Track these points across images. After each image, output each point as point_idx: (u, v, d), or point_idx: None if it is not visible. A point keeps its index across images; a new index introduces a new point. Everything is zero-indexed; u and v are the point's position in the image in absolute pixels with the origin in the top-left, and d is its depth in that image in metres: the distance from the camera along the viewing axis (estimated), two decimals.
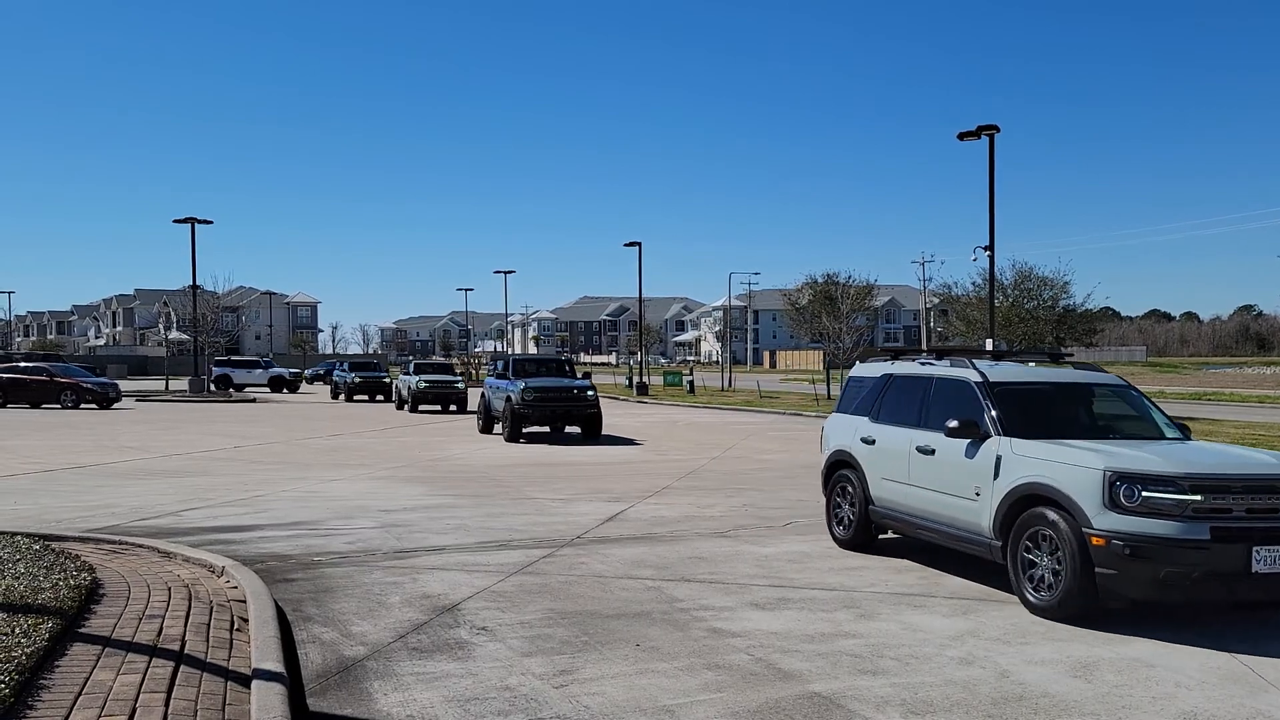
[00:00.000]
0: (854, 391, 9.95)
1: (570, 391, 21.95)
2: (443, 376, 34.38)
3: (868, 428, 9.20)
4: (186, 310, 52.04)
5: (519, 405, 21.12)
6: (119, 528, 10.19)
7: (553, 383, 22.12)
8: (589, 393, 22.06)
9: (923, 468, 8.20)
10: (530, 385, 21.43)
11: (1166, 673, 5.69)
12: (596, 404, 22.12)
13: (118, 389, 36.92)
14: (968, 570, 8.49)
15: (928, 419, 8.29)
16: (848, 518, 9.41)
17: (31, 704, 4.58)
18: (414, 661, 5.82)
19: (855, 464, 9.30)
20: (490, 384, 23.99)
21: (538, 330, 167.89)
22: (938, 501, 8.01)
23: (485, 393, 24.10)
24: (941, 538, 8.04)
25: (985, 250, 27.80)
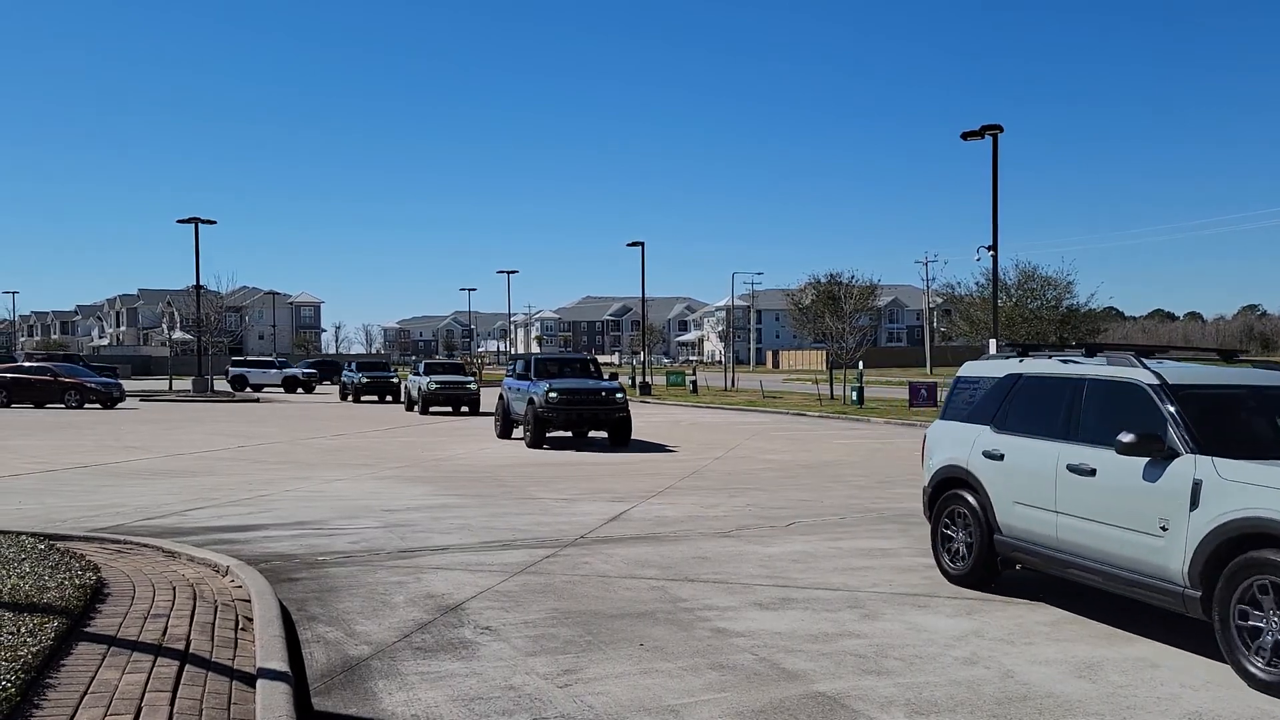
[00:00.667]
0: (965, 394, 8.38)
1: (598, 394, 20.31)
2: (454, 377, 33.36)
3: (991, 439, 7.60)
4: (190, 310, 52.17)
5: (542, 408, 19.62)
6: (124, 527, 10.21)
7: (578, 384, 20.47)
8: (618, 395, 20.47)
9: (1077, 492, 6.62)
10: (554, 387, 19.82)
11: (1171, 673, 5.69)
12: (626, 407, 20.56)
13: (121, 389, 36.98)
14: None
15: (1080, 430, 6.79)
16: (962, 548, 7.83)
17: (38, 703, 4.59)
18: (418, 661, 5.83)
19: (974, 483, 7.70)
20: (509, 385, 22.33)
21: (541, 330, 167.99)
22: (1100, 536, 6.43)
23: (504, 394, 22.53)
24: (1105, 580, 6.46)
25: (988, 250, 27.80)
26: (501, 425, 22.55)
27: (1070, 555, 6.75)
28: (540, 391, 19.76)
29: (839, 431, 25.39)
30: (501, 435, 22.44)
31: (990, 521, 7.53)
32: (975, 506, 7.68)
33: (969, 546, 7.73)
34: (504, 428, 22.50)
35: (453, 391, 32.29)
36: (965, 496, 7.81)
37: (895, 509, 12.03)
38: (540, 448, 19.73)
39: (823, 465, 17.23)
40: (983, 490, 7.62)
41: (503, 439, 22.14)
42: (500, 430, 22.53)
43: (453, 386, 32.36)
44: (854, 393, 34.46)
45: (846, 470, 16.42)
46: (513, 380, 22.33)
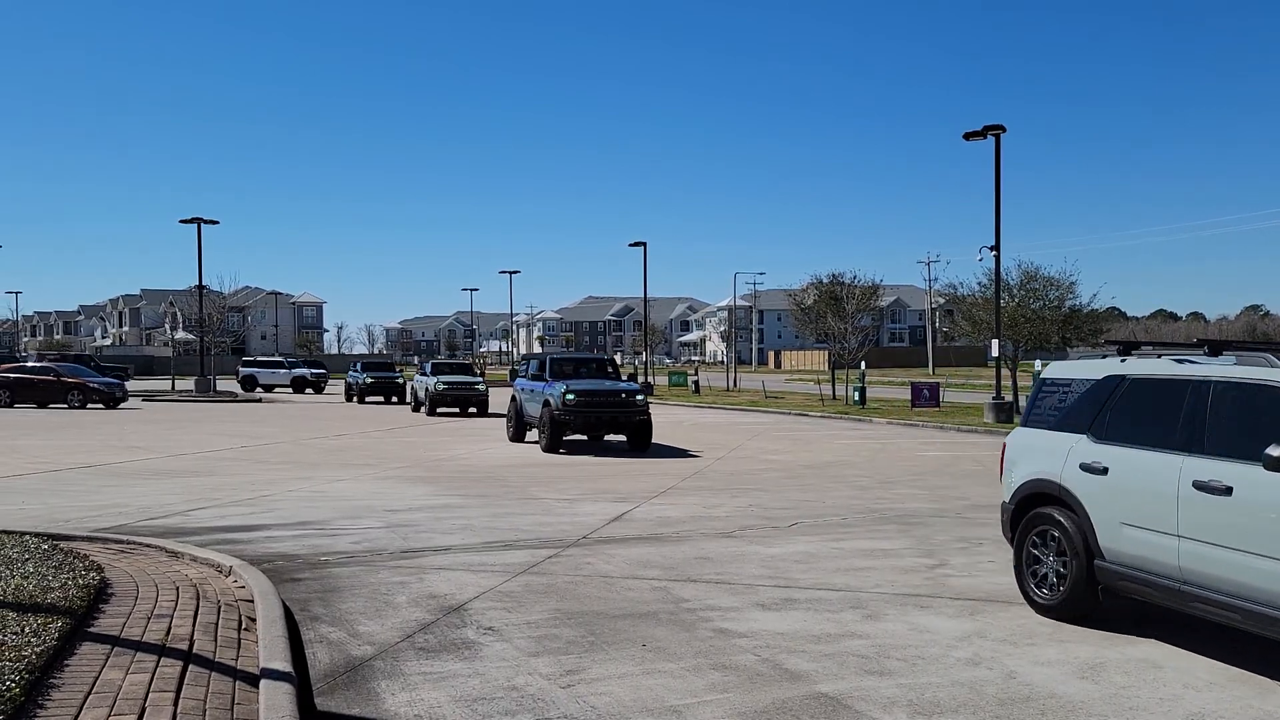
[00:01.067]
0: (1053, 398, 7.45)
1: (617, 395, 19.33)
2: (463, 378, 32.41)
3: (1090, 450, 6.70)
4: (192, 310, 52.14)
5: (559, 411, 18.62)
6: (127, 527, 10.23)
7: (596, 385, 19.40)
8: (638, 397, 19.54)
9: (1208, 513, 5.74)
10: (572, 388, 18.84)
11: (1174, 674, 5.69)
12: (646, 409, 19.61)
13: (124, 389, 37.02)
14: (974, 571, 8.49)
15: (1206, 441, 5.90)
16: (1053, 575, 6.90)
17: (42, 703, 4.60)
18: (421, 661, 5.84)
19: (1070, 501, 6.78)
20: (522, 386, 21.42)
21: (543, 330, 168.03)
22: (1241, 567, 5.54)
23: (516, 396, 21.57)
24: (1246, 619, 5.53)
25: (991, 250, 27.77)
26: (515, 428, 21.41)
27: (1198, 588, 5.84)
28: (557, 393, 18.78)
29: (841, 432, 25.38)
30: (515, 439, 21.37)
31: (1091, 545, 6.59)
32: (1071, 528, 6.72)
33: (1062, 574, 6.81)
34: (517, 431, 21.37)
35: (461, 393, 31.39)
36: (1057, 516, 6.87)
37: (897, 510, 12.03)
38: (556, 452, 18.80)
39: (825, 466, 17.23)
40: (1081, 509, 6.68)
41: (516, 443, 21.15)
42: (513, 433, 21.46)
43: (461, 387, 31.48)
44: (856, 393, 34.45)
45: (849, 471, 16.42)
46: (526, 381, 21.44)
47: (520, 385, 21.74)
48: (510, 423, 21.76)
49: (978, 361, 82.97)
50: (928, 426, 26.57)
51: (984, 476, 15.56)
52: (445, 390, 31.12)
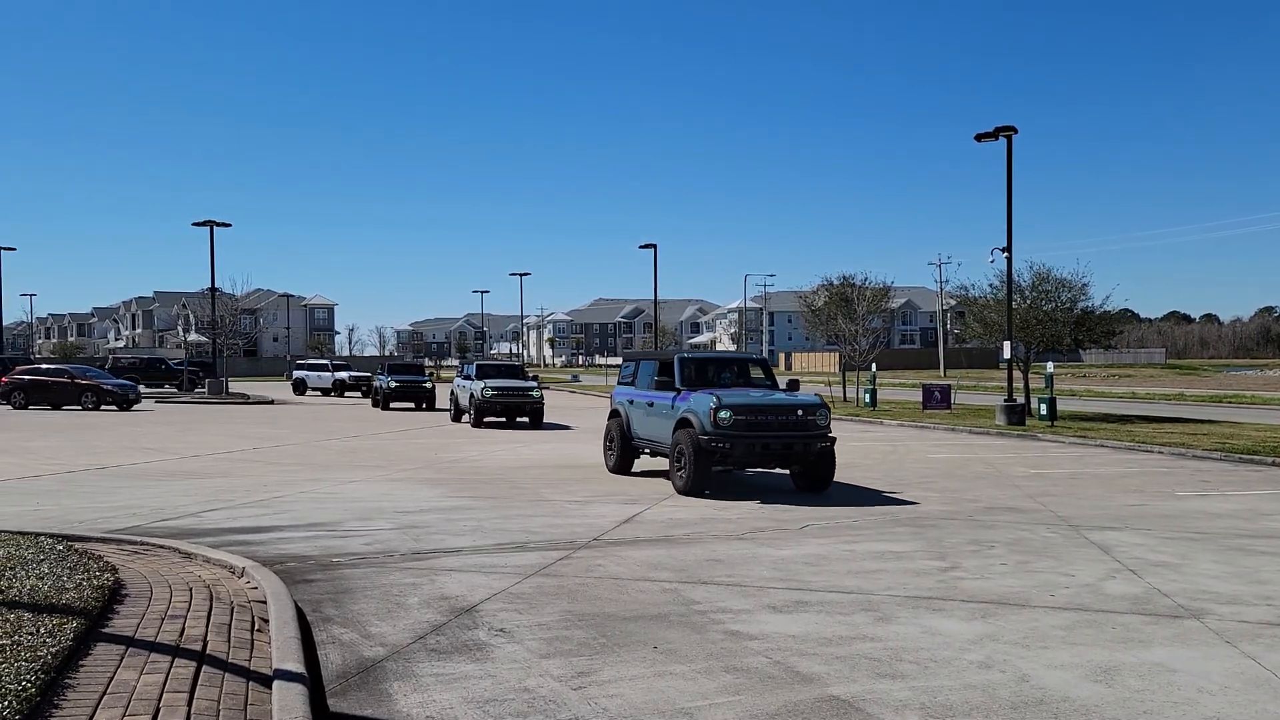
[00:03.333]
0: None
1: (792, 413, 13.34)
2: (514, 382, 27.61)
3: None
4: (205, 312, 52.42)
5: (711, 437, 12.92)
6: (140, 528, 10.28)
7: (762, 398, 13.58)
8: (819, 413, 13.51)
9: None
10: (727, 402, 13.04)
11: (1188, 677, 5.66)
12: (828, 433, 13.58)
13: (137, 390, 37.23)
14: (986, 574, 8.46)
15: None
16: None
17: (57, 703, 4.63)
18: (433, 663, 5.85)
19: None
20: (629, 397, 15.83)
21: (553, 332, 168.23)
22: None
23: (621, 410, 15.96)
24: None
25: (1003, 252, 27.69)
26: (619, 455, 15.81)
27: None
28: (703, 410, 13.12)
29: (852, 434, 25.32)
30: (619, 469, 15.87)
31: None
32: None
33: None
34: (622, 458, 15.80)
35: (513, 399, 26.87)
36: None
37: (909, 512, 12.00)
38: (701, 494, 13.15)
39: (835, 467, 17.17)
40: None
41: (620, 474, 15.75)
42: (617, 463, 15.87)
43: (513, 394, 26.90)
44: (867, 395, 34.37)
45: (859, 472, 16.38)
46: (636, 391, 15.74)
47: (625, 396, 16.13)
48: (611, 447, 16.11)
49: (989, 364, 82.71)
50: (939, 429, 26.49)
51: (996, 479, 15.51)
52: (494, 397, 26.65)
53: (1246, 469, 17.19)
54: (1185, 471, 16.69)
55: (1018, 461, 18.27)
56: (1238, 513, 12.11)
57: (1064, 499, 13.19)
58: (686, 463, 13.19)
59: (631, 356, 16.85)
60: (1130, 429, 24.67)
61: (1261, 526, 11.13)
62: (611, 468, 16.05)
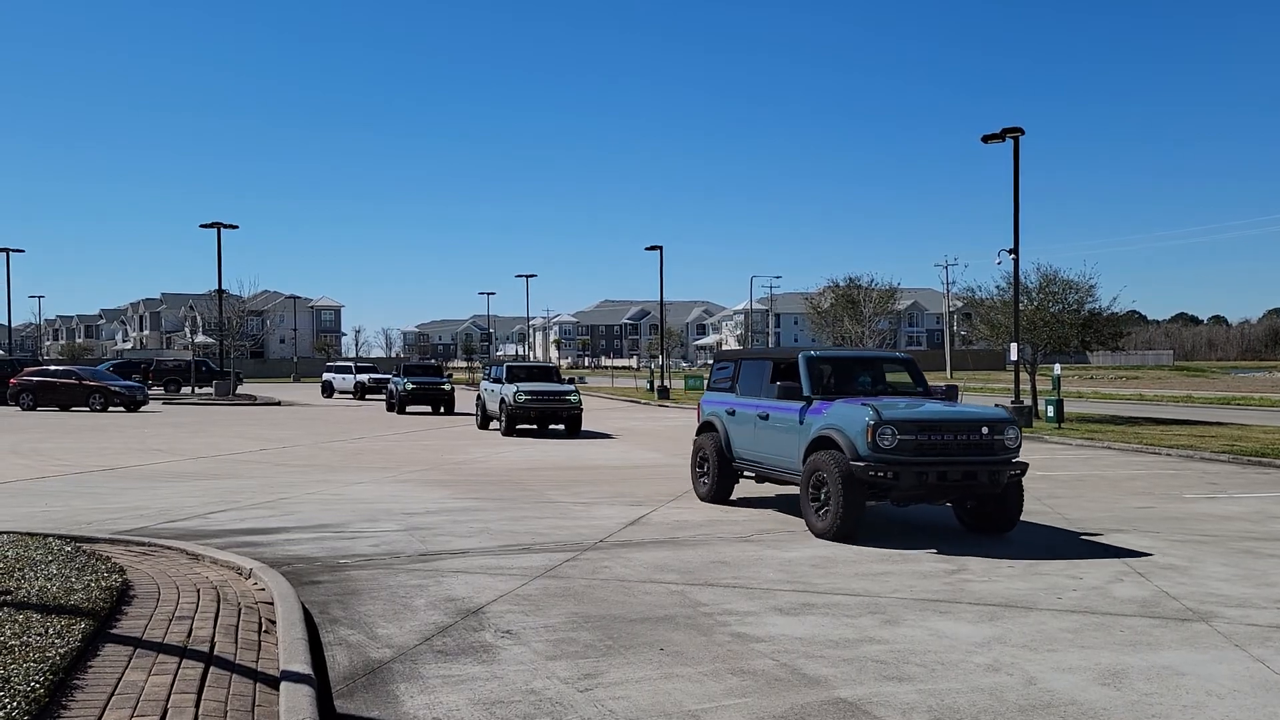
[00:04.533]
0: None
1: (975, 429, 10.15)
2: (549, 385, 25.21)
3: None
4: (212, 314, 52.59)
5: (869, 462, 9.82)
6: (148, 530, 10.31)
7: (936, 413, 10.32)
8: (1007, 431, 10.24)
9: None
10: (890, 416, 9.95)
11: (1197, 681, 5.63)
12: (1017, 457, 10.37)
13: (145, 392, 37.36)
14: (994, 577, 8.44)
15: None
16: None
17: (66, 704, 4.65)
18: (439, 664, 5.85)
19: None
20: (728, 405, 12.62)
21: (559, 334, 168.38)
22: None
23: (720, 425, 12.65)
24: None
25: (1009, 253, 27.61)
26: (716, 479, 12.60)
27: None
28: (855, 427, 10.00)
29: None
30: (714, 498, 12.70)
31: None
32: None
33: None
34: (720, 484, 12.62)
35: (549, 405, 24.40)
36: None
37: (915, 514, 11.97)
38: (852, 540, 9.98)
39: None
40: None
41: (715, 503, 12.65)
42: (712, 490, 12.67)
43: (548, 399, 24.44)
44: None
45: None
46: (738, 400, 12.46)
47: (722, 405, 12.83)
48: (703, 470, 12.92)
49: (996, 365, 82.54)
50: None
51: None
52: (528, 402, 24.16)
53: (1255, 471, 17.12)
54: (1193, 473, 16.63)
55: None
56: (1246, 515, 12.06)
57: (1071, 501, 13.15)
58: (832, 496, 10.00)
59: (729, 355, 13.66)
60: (1138, 431, 24.59)
61: (1270, 529, 11.08)
62: (704, 494, 12.92)
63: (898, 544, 9.93)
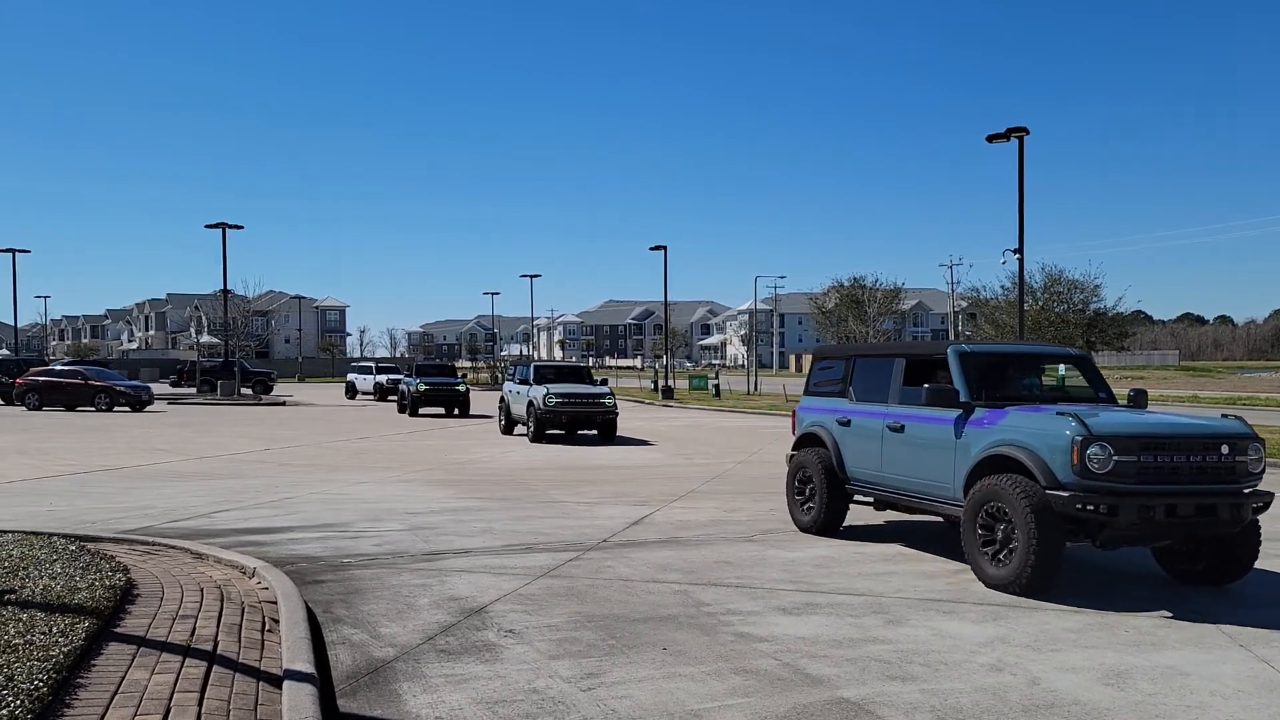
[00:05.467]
0: None
1: (1213, 447, 7.61)
2: (582, 388, 23.05)
3: None
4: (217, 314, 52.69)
5: (1091, 498, 7.41)
6: (152, 529, 10.33)
7: (1173, 426, 7.96)
8: (1250, 450, 7.40)
9: None
10: (1120, 429, 7.59)
11: (1201, 681, 5.62)
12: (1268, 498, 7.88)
13: (150, 392, 37.46)
14: None
15: None
16: None
17: (69, 702, 4.66)
18: (442, 663, 5.86)
19: None
20: (834, 414, 10.34)
21: (563, 334, 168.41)
22: None
23: (831, 437, 10.32)
24: None
25: (1014, 253, 27.58)
26: (825, 505, 10.22)
27: None
28: (1052, 442, 7.70)
29: None
30: (821, 527, 10.33)
31: None
32: None
33: None
34: (830, 510, 10.25)
35: (582, 409, 22.50)
36: None
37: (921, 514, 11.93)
38: (1043, 594, 7.67)
39: None
40: None
41: (821, 535, 10.34)
42: (819, 518, 10.29)
43: (582, 402, 22.53)
44: None
45: None
46: (854, 406, 10.10)
47: (830, 413, 10.40)
48: (807, 494, 10.54)
49: None
50: None
51: None
52: (559, 406, 22.25)
53: None
54: None
55: None
56: None
57: None
58: (1018, 536, 7.62)
59: (836, 352, 11.03)
60: None
61: (1276, 530, 11.04)
62: (807, 524, 10.35)
63: (902, 543, 9.92)
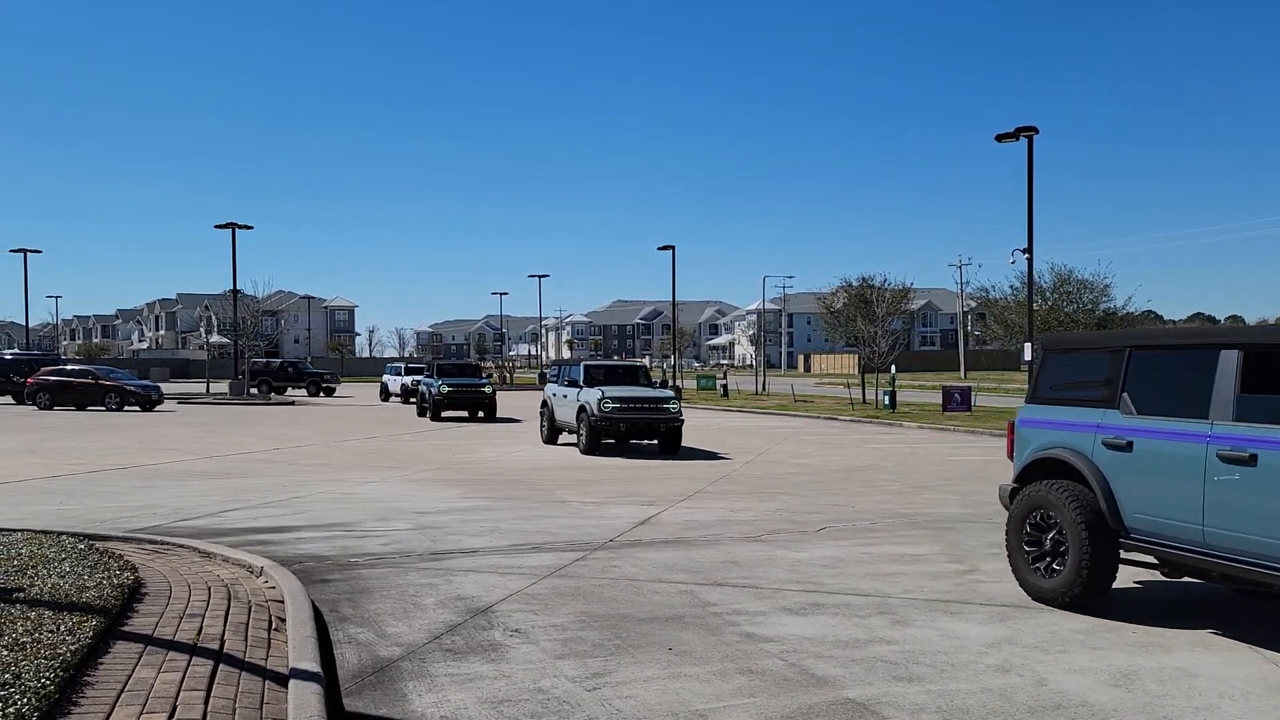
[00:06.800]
0: None
1: None
2: (640, 390, 20.13)
3: None
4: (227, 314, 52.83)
5: None
6: (161, 528, 10.38)
7: None
8: None
9: None
10: None
11: (1209, 683, 5.59)
12: None
13: (160, 391, 37.61)
14: (1005, 577, 8.39)
15: None
16: None
17: (76, 700, 4.67)
18: (448, 663, 5.86)
19: None
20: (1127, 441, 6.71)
21: (571, 334, 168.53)
22: None
23: (1081, 465, 7.01)
24: None
25: (1023, 253, 27.51)
26: (1089, 564, 6.80)
27: None
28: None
29: (871, 436, 25.21)
30: (1076, 597, 6.96)
31: None
32: None
33: None
34: (1093, 572, 6.82)
35: (643, 415, 19.37)
36: None
37: (928, 514, 11.92)
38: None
39: (854, 470, 17.12)
40: None
41: (1072, 609, 7.04)
42: (1078, 582, 6.89)
43: (642, 407, 19.44)
44: (886, 397, 34.20)
45: (878, 475, 16.30)
46: (1172, 429, 6.40)
47: (1080, 430, 7.19)
48: (1036, 544, 7.32)
49: (1010, 365, 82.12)
50: (959, 431, 26.32)
51: None
52: (615, 411, 19.22)
53: None
54: None
55: None
56: None
57: None
58: None
59: (1092, 343, 7.82)
60: None
61: None
62: (1051, 592, 7.07)
63: (909, 545, 9.90)
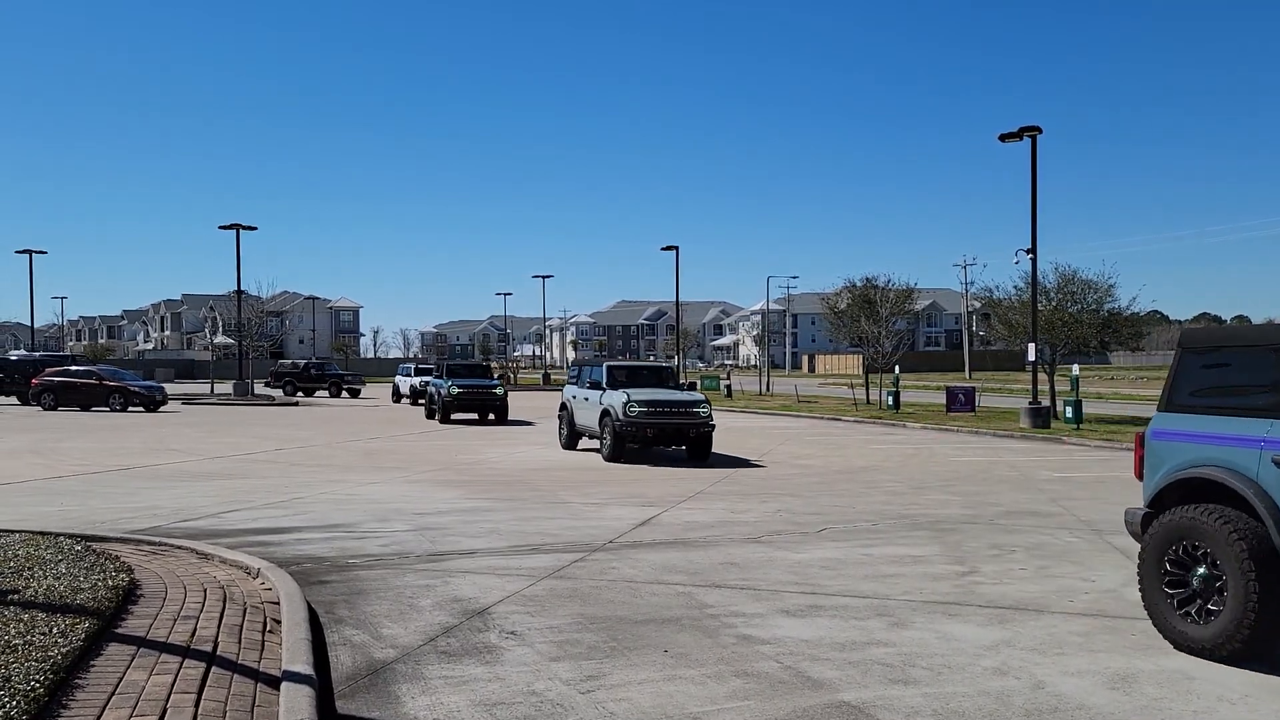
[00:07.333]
0: None
1: None
2: (667, 392, 18.76)
3: None
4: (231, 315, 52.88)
5: None
6: (160, 529, 10.37)
7: None
8: None
9: None
10: None
11: (1208, 685, 5.54)
12: None
13: (164, 392, 37.67)
14: (1005, 579, 8.35)
15: None
16: None
17: (65, 703, 4.66)
18: (442, 665, 5.84)
19: None
20: None
21: (576, 334, 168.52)
22: None
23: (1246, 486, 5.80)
24: None
25: (1027, 253, 27.41)
26: (1252, 616, 5.57)
27: None
28: None
29: (874, 437, 25.16)
30: (1231, 650, 5.73)
31: None
32: None
33: None
34: (1256, 626, 5.58)
35: (672, 420, 18.09)
36: None
37: (929, 515, 11.87)
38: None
39: (857, 471, 17.07)
40: None
41: (1228, 662, 5.78)
42: (1238, 635, 5.65)
43: (671, 411, 18.11)
44: (890, 397, 34.11)
45: (881, 476, 16.25)
46: None
47: (1261, 450, 5.72)
48: (1191, 589, 6.05)
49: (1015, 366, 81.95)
50: (962, 431, 26.25)
51: (1019, 482, 15.33)
52: (645, 415, 17.92)
53: None
54: None
55: (1042, 465, 18.05)
56: None
57: (1088, 503, 13.00)
58: None
59: (1243, 339, 6.42)
60: None
61: None
62: (1200, 642, 5.94)
63: (910, 546, 9.85)
